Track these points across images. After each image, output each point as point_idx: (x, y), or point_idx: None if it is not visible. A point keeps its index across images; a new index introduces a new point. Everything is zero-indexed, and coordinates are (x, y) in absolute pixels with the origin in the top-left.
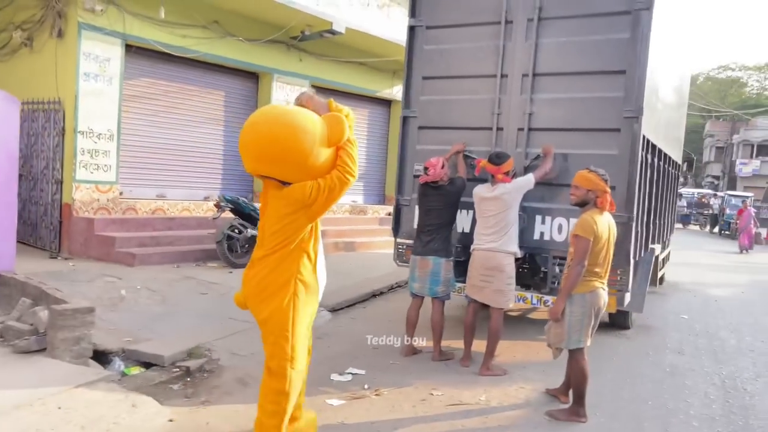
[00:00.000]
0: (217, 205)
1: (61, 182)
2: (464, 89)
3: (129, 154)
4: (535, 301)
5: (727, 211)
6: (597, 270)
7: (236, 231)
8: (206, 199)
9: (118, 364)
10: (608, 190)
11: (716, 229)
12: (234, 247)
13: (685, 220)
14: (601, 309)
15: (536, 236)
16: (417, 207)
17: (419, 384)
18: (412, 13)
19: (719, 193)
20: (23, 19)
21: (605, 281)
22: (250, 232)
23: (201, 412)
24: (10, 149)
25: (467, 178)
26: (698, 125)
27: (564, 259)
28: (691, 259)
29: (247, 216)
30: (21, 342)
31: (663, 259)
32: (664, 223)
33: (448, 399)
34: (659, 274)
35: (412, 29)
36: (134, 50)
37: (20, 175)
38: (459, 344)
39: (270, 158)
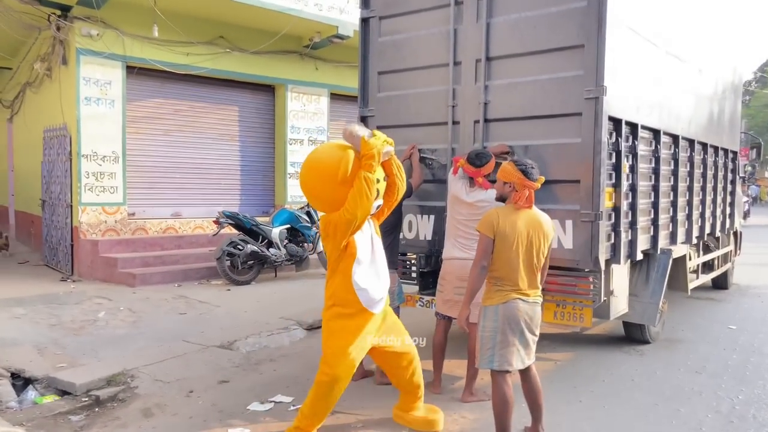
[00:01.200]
0: (217, 222)
1: (71, 206)
2: (419, 82)
3: (138, 175)
4: None
5: None
6: (512, 277)
7: (237, 247)
8: None
9: (32, 393)
10: (529, 183)
11: None
12: (236, 263)
13: None
14: (521, 323)
15: None
16: None
17: (342, 414)
18: (365, 3)
19: None
20: (44, 51)
21: (531, 291)
22: (250, 247)
23: None
24: None
25: (425, 180)
26: None
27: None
28: None
29: (249, 231)
30: None
31: (708, 262)
32: (702, 220)
33: (363, 430)
34: (695, 279)
35: (365, 21)
36: (136, 71)
37: (43, 201)
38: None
39: (306, 193)
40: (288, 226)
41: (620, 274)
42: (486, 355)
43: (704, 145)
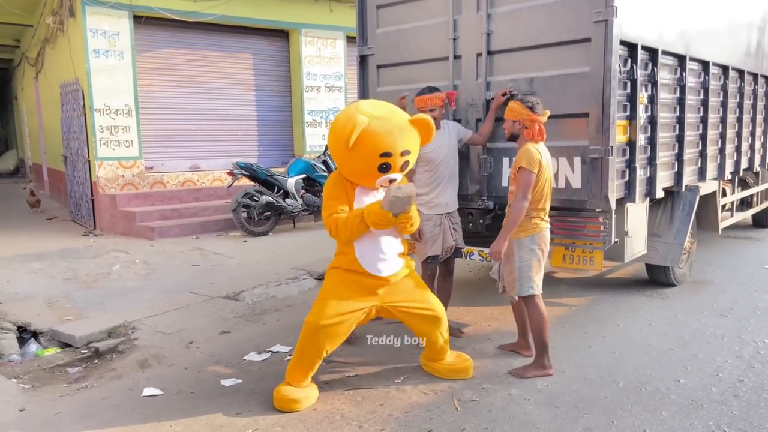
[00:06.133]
0: (231, 173)
1: (89, 161)
2: (419, 14)
3: (153, 128)
4: (479, 258)
5: None
6: (542, 207)
7: (252, 198)
8: None
9: (34, 346)
10: (537, 118)
11: None
12: (252, 214)
13: None
14: (548, 247)
15: (505, 182)
16: None
17: (341, 365)
18: None
19: None
20: (56, 5)
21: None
22: (266, 198)
23: (65, 400)
24: None
25: None
26: None
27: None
28: None
29: (264, 182)
30: None
31: (746, 199)
32: (737, 153)
33: (357, 382)
34: (729, 218)
35: None
36: (144, 21)
37: (65, 157)
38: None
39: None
40: (304, 175)
41: (636, 213)
42: (526, 283)
43: (741, 73)
